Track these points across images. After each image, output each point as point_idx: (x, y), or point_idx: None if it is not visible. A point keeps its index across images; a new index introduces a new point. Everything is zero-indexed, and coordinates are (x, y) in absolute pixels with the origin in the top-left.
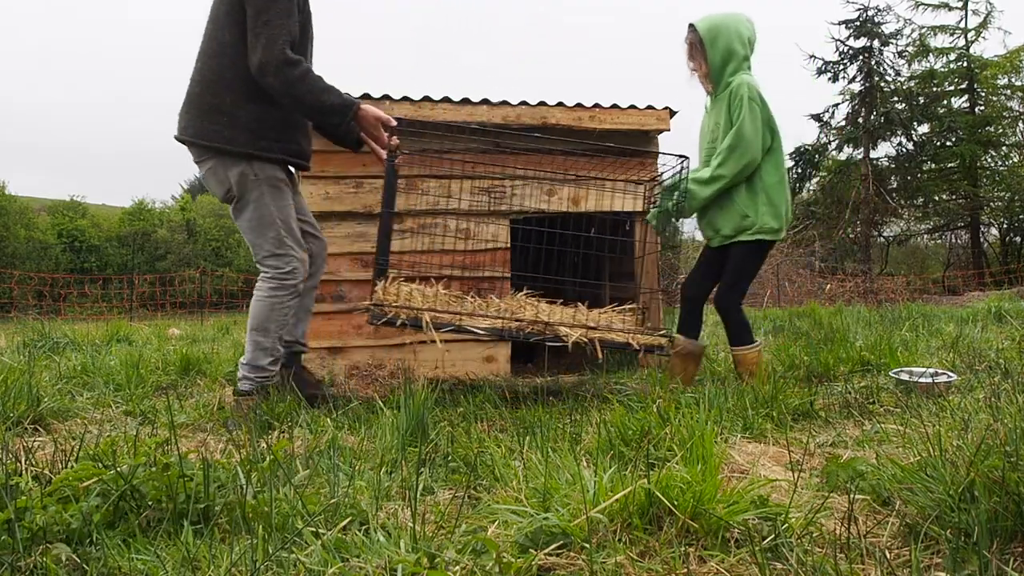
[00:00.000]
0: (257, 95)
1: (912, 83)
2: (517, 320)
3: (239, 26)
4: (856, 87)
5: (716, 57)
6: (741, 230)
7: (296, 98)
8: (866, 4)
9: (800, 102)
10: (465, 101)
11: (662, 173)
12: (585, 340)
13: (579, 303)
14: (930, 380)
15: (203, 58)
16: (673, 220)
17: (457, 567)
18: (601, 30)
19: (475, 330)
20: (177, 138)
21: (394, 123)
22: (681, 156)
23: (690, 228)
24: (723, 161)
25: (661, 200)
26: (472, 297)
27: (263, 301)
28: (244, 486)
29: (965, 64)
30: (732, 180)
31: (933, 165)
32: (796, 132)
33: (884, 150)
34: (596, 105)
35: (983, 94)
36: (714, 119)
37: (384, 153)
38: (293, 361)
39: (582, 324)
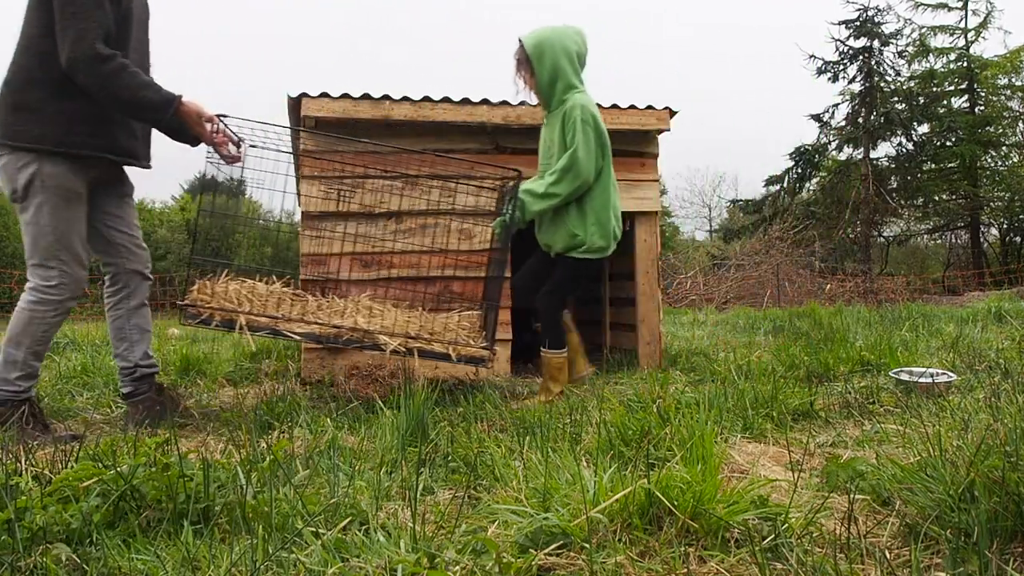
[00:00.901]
0: (67, 90)
1: (912, 83)
2: (335, 327)
3: (46, 19)
4: (856, 87)
5: (544, 74)
6: (571, 248)
7: (111, 95)
8: (866, 4)
9: (800, 102)
10: (465, 101)
11: (507, 182)
12: (403, 349)
13: (422, 309)
14: (930, 380)
15: (14, 54)
16: (511, 229)
17: (457, 567)
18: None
19: (291, 335)
20: None
21: (216, 118)
22: (515, 169)
23: (688, 229)
24: (557, 180)
25: (504, 211)
26: (315, 297)
27: (22, 312)
28: (244, 486)
29: (965, 64)
30: (565, 200)
31: (933, 165)
32: (796, 132)
33: (884, 150)
34: (596, 105)
35: (983, 94)
36: (549, 135)
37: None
38: (144, 387)
39: (402, 333)
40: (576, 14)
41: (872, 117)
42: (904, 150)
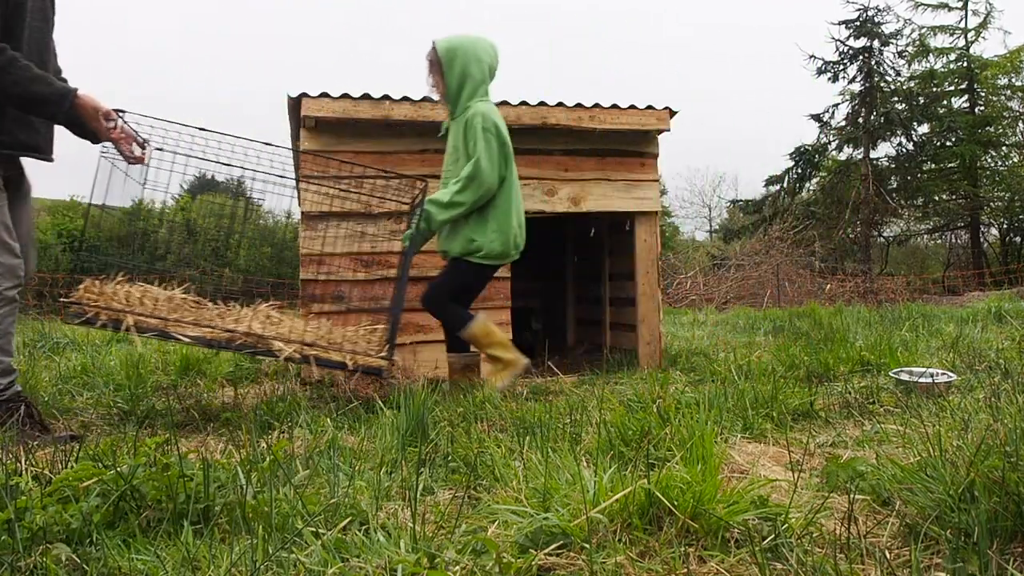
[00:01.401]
0: None
1: (912, 83)
2: (228, 331)
3: None
4: (856, 87)
5: (452, 79)
6: (468, 252)
7: (1, 90)
8: (866, 4)
9: (800, 102)
10: None
11: (419, 195)
12: (299, 356)
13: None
14: (930, 380)
15: None
16: (418, 240)
17: (457, 567)
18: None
19: (181, 338)
20: None
21: (113, 114)
22: (421, 177)
23: (688, 229)
24: (462, 189)
25: (412, 221)
26: (216, 304)
27: None
28: (244, 486)
29: (965, 64)
30: (470, 207)
31: (933, 165)
32: (796, 132)
33: (884, 150)
34: (596, 105)
35: (983, 94)
36: (452, 141)
37: (139, 149)
38: None
39: (298, 340)
40: (576, 14)
41: (872, 117)
42: (904, 150)
